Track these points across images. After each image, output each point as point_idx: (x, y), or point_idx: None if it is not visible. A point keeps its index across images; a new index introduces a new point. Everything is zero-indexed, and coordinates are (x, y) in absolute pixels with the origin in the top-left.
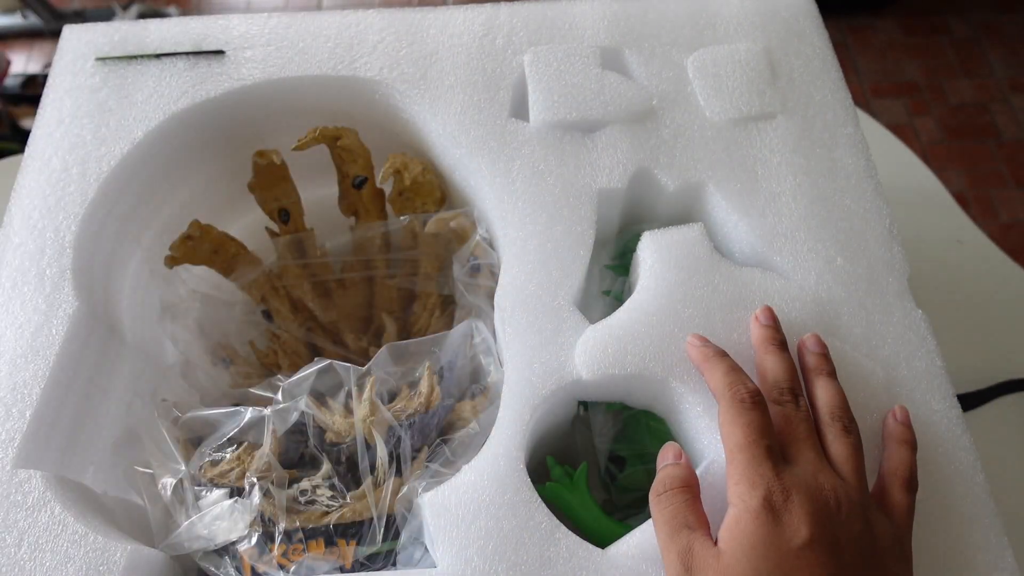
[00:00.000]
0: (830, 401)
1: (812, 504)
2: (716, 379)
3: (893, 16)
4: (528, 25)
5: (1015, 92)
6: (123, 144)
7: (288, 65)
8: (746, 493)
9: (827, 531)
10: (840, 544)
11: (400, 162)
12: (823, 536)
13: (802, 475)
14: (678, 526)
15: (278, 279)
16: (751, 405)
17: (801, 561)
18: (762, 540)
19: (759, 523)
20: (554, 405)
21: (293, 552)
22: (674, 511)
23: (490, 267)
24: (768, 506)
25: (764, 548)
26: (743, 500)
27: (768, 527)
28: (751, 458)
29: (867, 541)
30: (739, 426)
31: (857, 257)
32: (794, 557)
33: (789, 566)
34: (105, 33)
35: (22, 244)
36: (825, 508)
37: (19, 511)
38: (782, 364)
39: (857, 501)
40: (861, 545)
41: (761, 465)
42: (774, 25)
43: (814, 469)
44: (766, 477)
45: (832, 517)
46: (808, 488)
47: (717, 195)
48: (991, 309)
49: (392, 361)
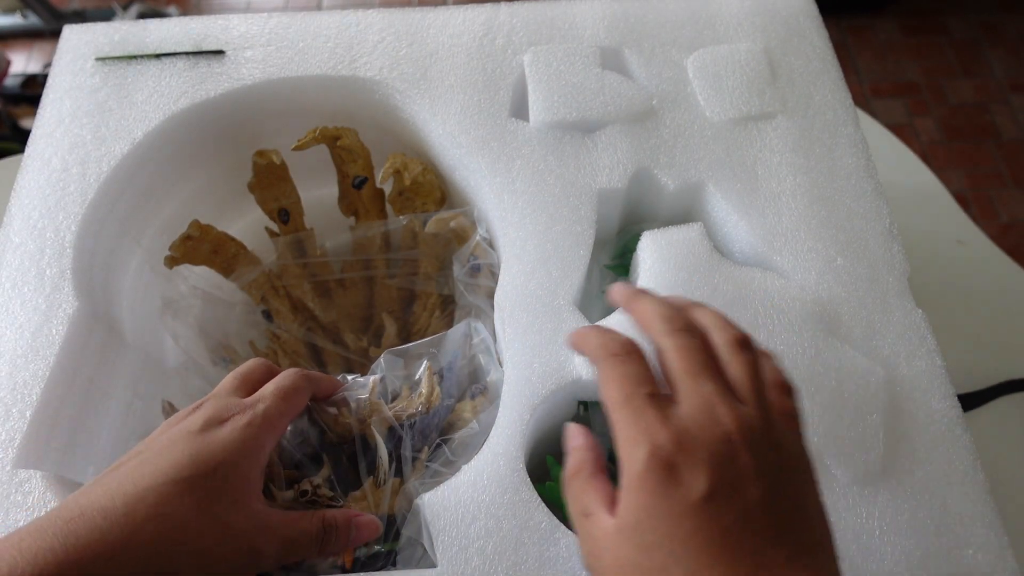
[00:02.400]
0: (712, 322)
1: (708, 447)
2: (590, 347)
3: (893, 16)
4: (528, 25)
5: (1015, 92)
6: (123, 144)
7: (288, 65)
8: (630, 454)
9: (729, 471)
10: (746, 481)
11: (400, 162)
12: (725, 478)
13: (695, 415)
14: (577, 514)
15: (278, 279)
16: (624, 357)
17: (703, 515)
18: (655, 504)
19: (648, 485)
20: (554, 405)
21: None
22: (573, 497)
23: (490, 267)
24: (656, 462)
25: (657, 512)
26: (629, 463)
27: (659, 487)
28: (631, 412)
29: (774, 468)
30: (613, 381)
31: (857, 257)
32: (693, 515)
33: (690, 525)
34: (105, 33)
35: (22, 244)
36: (725, 446)
37: (19, 511)
38: (660, 303)
39: (760, 428)
40: (769, 475)
41: (642, 418)
42: (774, 25)
43: (710, 403)
44: (650, 430)
45: (734, 455)
46: (702, 428)
47: (717, 195)
48: (991, 309)
49: (395, 365)
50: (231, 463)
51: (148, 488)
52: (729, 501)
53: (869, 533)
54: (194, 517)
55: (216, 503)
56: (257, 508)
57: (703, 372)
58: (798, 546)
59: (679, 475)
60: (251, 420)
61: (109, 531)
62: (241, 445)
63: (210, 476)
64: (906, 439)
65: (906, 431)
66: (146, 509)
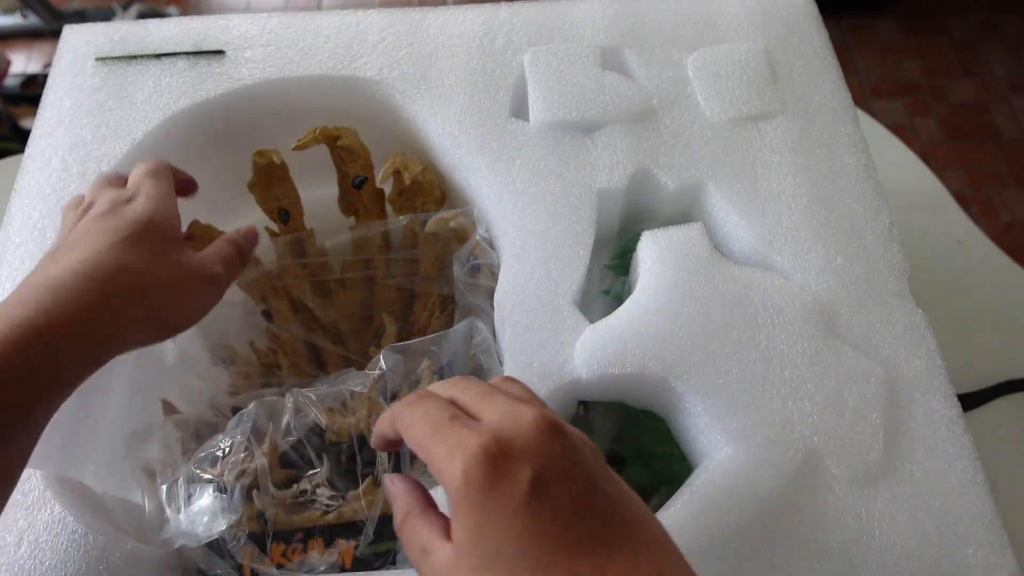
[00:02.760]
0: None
1: (522, 438)
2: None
3: (893, 16)
4: (528, 25)
5: (1015, 92)
6: (123, 144)
7: (288, 65)
8: (449, 472)
9: (548, 457)
10: (567, 464)
11: (400, 162)
12: (548, 464)
13: (500, 419)
14: (416, 556)
15: (278, 279)
16: (417, 399)
17: (535, 506)
18: (485, 512)
19: (473, 494)
20: (554, 405)
21: (292, 552)
22: (407, 541)
23: (490, 267)
24: (475, 468)
25: (489, 519)
26: (450, 481)
27: (484, 493)
28: (440, 437)
29: (585, 451)
30: (416, 421)
31: (857, 256)
32: (525, 509)
33: (525, 520)
34: (105, 33)
35: (22, 244)
36: (537, 434)
37: (19, 510)
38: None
39: (559, 421)
40: (584, 457)
41: (451, 435)
42: (774, 25)
43: (510, 408)
44: (462, 443)
45: (548, 442)
46: (511, 426)
47: (717, 195)
48: (991, 309)
49: (397, 362)
50: (157, 220)
51: (100, 252)
52: (557, 485)
53: (869, 533)
54: (149, 261)
55: (161, 250)
56: (189, 252)
57: (492, 392)
58: (630, 522)
59: (501, 472)
60: (148, 192)
61: (87, 290)
62: (157, 204)
63: (146, 230)
64: (906, 439)
65: (906, 431)
66: (109, 267)
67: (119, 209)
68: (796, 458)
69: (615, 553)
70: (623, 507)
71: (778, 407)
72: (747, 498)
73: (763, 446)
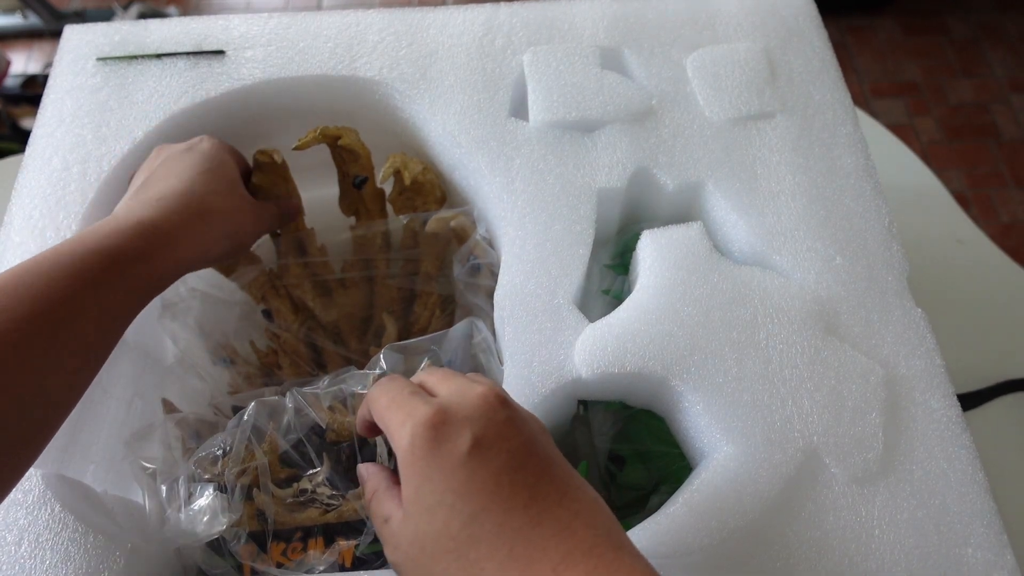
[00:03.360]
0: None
1: (468, 409)
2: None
3: (893, 16)
4: (528, 25)
5: (1015, 92)
6: (123, 144)
7: (288, 65)
8: (399, 436)
9: (491, 424)
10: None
11: (400, 162)
12: (488, 429)
13: (452, 394)
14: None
15: (278, 279)
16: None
17: (473, 463)
18: (427, 467)
19: (418, 452)
20: (554, 404)
21: (292, 551)
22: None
23: (490, 267)
24: (422, 430)
25: (431, 474)
26: (399, 445)
27: (428, 452)
28: (396, 407)
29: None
30: (379, 397)
31: (856, 256)
32: (464, 465)
33: (463, 475)
34: (105, 33)
35: (22, 244)
36: (484, 405)
37: (19, 509)
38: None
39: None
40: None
41: (405, 405)
42: (773, 25)
43: (462, 385)
44: (413, 412)
45: (493, 412)
46: (460, 399)
47: (716, 194)
48: (991, 309)
49: (397, 362)
50: (225, 160)
51: (191, 179)
52: (495, 447)
53: (868, 532)
54: (224, 190)
55: (233, 184)
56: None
57: (453, 375)
58: (566, 486)
59: (445, 435)
60: (212, 141)
61: (186, 205)
62: (221, 147)
63: (220, 167)
64: (905, 438)
65: (905, 430)
66: (199, 190)
67: (195, 149)
68: (796, 457)
69: (549, 510)
70: (561, 472)
71: (778, 406)
72: (747, 497)
73: (763, 445)
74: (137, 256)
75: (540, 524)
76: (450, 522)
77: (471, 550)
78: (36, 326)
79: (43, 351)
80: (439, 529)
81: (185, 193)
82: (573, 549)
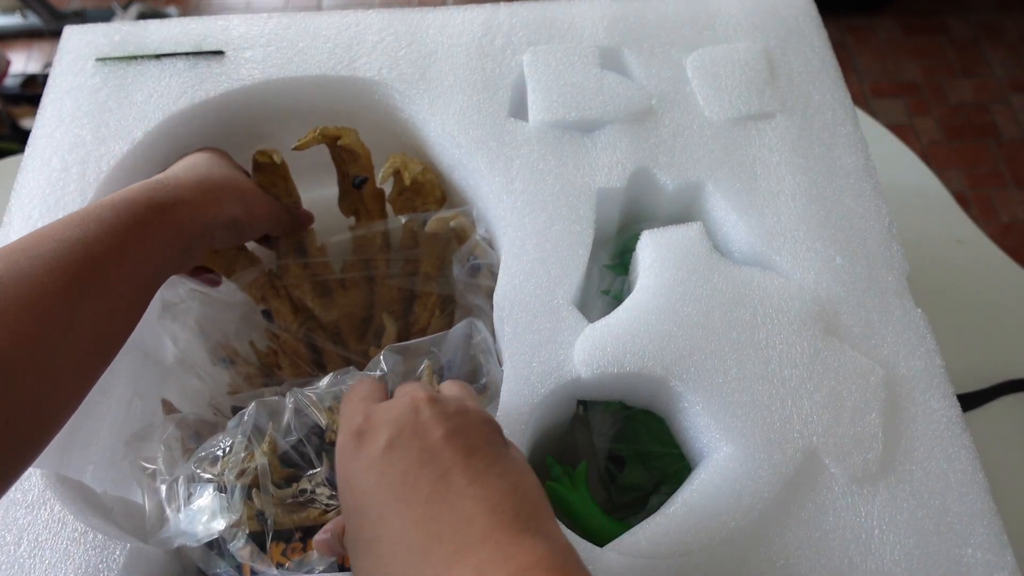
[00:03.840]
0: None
1: (394, 413)
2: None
3: (893, 16)
4: (527, 25)
5: (1015, 92)
6: (123, 144)
7: (288, 65)
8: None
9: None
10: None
11: (400, 162)
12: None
13: (394, 401)
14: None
15: (278, 279)
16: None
17: (383, 464)
18: (348, 465)
19: (344, 452)
20: (553, 404)
21: (292, 551)
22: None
23: (490, 267)
24: (350, 434)
25: (351, 471)
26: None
27: (351, 452)
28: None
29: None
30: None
31: (856, 256)
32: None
33: (374, 475)
34: (105, 33)
35: None
36: (409, 409)
37: (19, 509)
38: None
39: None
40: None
41: (349, 411)
42: (773, 25)
43: (409, 391)
44: (353, 418)
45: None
46: (394, 406)
47: (716, 194)
48: (991, 309)
49: (397, 362)
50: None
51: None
52: (407, 447)
53: (868, 532)
54: (241, 174)
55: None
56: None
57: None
58: (479, 474)
59: (364, 440)
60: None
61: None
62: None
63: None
64: (905, 438)
65: (905, 430)
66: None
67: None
68: (795, 457)
69: (451, 502)
70: (480, 460)
71: (778, 407)
72: (747, 497)
73: (762, 445)
74: (174, 202)
75: (439, 517)
76: (363, 523)
77: (379, 548)
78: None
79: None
80: (355, 531)
81: (206, 166)
82: (468, 538)
